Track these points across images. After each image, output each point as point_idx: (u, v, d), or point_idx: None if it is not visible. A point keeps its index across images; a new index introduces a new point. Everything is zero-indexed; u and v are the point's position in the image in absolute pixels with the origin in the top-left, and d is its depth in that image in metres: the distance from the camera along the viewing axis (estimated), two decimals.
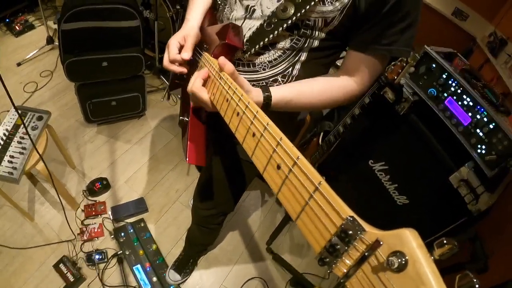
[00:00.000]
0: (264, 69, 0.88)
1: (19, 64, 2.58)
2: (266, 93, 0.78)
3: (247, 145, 0.57)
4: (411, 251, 0.29)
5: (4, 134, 1.55)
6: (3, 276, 1.65)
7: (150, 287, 1.76)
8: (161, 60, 2.64)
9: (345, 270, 0.36)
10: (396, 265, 0.29)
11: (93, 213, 1.97)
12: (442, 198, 1.38)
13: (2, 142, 1.52)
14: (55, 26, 2.82)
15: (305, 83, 0.86)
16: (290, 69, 0.88)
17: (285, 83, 0.89)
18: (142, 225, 1.99)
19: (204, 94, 0.75)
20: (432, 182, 1.43)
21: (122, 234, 1.91)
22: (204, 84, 0.78)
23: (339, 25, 0.79)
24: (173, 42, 0.89)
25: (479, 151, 1.26)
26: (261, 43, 0.82)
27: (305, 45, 0.84)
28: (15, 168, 1.48)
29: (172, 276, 1.79)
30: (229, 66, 0.69)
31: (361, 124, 1.62)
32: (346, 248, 0.36)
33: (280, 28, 0.78)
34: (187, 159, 0.92)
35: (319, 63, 0.91)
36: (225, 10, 0.94)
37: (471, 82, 1.29)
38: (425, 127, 1.41)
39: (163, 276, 1.80)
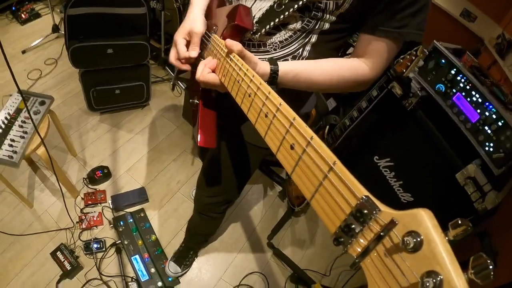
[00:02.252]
0: (275, 49, 0.87)
1: (24, 52, 2.57)
2: (273, 65, 0.77)
3: (260, 126, 0.56)
4: (426, 231, 0.29)
5: (6, 118, 1.53)
6: (0, 263, 1.63)
7: (148, 278, 1.73)
8: (166, 51, 2.62)
9: (360, 250, 0.36)
10: (411, 245, 0.29)
11: (93, 201, 1.94)
12: (448, 196, 1.37)
13: (3, 126, 1.50)
14: (61, 15, 2.81)
15: (314, 61, 0.85)
16: (301, 50, 0.87)
17: None
18: (142, 215, 1.96)
19: (214, 78, 0.76)
20: (438, 180, 1.42)
21: (121, 223, 1.88)
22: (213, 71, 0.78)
23: (350, 7, 0.78)
24: (180, 41, 0.88)
25: (486, 148, 1.25)
26: (271, 23, 0.82)
27: (316, 27, 0.83)
28: (15, 152, 1.45)
29: (173, 268, 1.76)
30: (236, 45, 0.68)
31: (367, 119, 1.59)
32: (361, 227, 0.35)
33: (291, 9, 0.78)
34: (198, 141, 0.92)
35: (329, 46, 0.90)
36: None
37: (479, 79, 1.28)
38: (432, 123, 1.40)
39: (161, 268, 1.78)
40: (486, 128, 1.25)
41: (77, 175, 2.04)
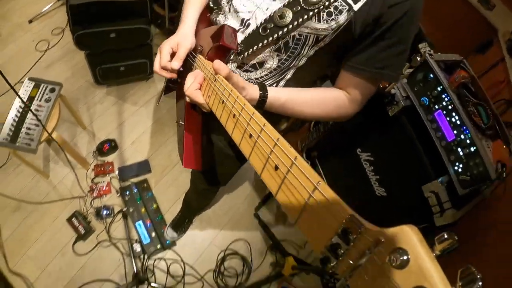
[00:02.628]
0: None
1: (30, 21, 2.64)
2: (262, 91, 0.79)
3: (244, 147, 0.57)
4: (413, 247, 0.29)
5: (20, 107, 1.71)
6: (21, 229, 1.95)
7: (149, 241, 2.04)
8: (171, 19, 2.66)
9: (347, 269, 0.35)
10: (398, 262, 0.29)
11: (102, 172, 2.20)
12: (414, 200, 1.47)
13: (18, 115, 1.69)
14: None
15: (301, 90, 0.88)
16: (275, 85, 0.92)
17: None
18: (145, 185, 2.23)
19: (199, 97, 0.76)
20: (409, 183, 1.51)
21: (127, 192, 2.16)
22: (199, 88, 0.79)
23: (330, 42, 0.80)
24: (166, 48, 0.89)
25: (456, 168, 1.32)
26: (255, 47, 0.83)
27: (292, 64, 0.87)
28: (32, 140, 1.67)
29: (170, 233, 2.06)
30: (224, 69, 0.69)
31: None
32: (347, 247, 0.35)
33: (276, 35, 0.79)
34: (183, 164, 0.94)
35: (304, 80, 0.93)
36: (219, 17, 0.96)
37: (463, 100, 1.32)
38: (414, 131, 1.46)
39: (161, 232, 2.08)
40: (459, 149, 1.29)
41: (87, 147, 2.27)
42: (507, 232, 1.39)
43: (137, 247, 2.02)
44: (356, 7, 0.73)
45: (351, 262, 0.35)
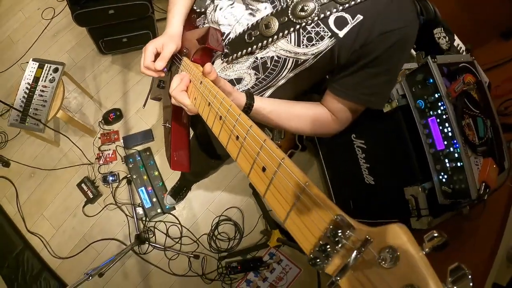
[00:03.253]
0: None
1: None
2: (249, 99, 0.78)
3: (231, 148, 0.56)
4: (402, 245, 0.29)
5: (27, 88, 1.84)
6: (37, 192, 2.19)
7: (150, 205, 2.25)
8: None
9: (336, 269, 0.35)
10: (388, 261, 0.29)
11: (108, 140, 2.36)
12: (397, 196, 1.49)
13: (26, 96, 1.82)
14: None
15: (287, 103, 0.86)
16: None
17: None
18: (148, 153, 2.38)
19: (185, 99, 0.75)
20: (395, 179, 1.53)
21: (131, 160, 2.33)
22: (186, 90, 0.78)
23: (310, 67, 0.79)
24: (150, 49, 0.87)
25: (440, 177, 1.33)
26: (239, 53, 0.82)
27: (270, 84, 0.86)
28: (40, 120, 1.81)
29: (169, 200, 2.24)
30: (214, 72, 0.69)
31: None
32: (336, 247, 0.35)
33: (260, 44, 0.77)
34: (171, 166, 0.94)
35: (284, 97, 0.91)
36: (205, 24, 0.95)
37: (459, 112, 1.27)
38: (407, 130, 1.44)
39: (161, 198, 2.28)
40: (446, 161, 1.29)
41: (94, 116, 2.42)
42: (479, 248, 1.42)
43: (140, 210, 2.24)
44: (341, 33, 0.71)
45: (340, 262, 0.35)
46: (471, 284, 0.27)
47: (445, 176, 1.31)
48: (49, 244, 2.11)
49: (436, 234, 0.29)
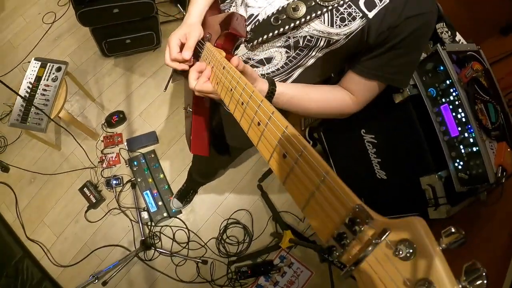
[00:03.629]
0: None
1: None
2: (271, 85, 0.79)
3: (252, 134, 0.56)
4: (419, 239, 0.29)
5: (28, 87, 1.78)
6: (38, 198, 2.11)
7: (156, 209, 2.16)
8: None
9: (352, 259, 0.35)
10: (404, 254, 0.29)
11: (111, 143, 2.30)
12: (412, 188, 1.46)
13: (27, 95, 1.77)
14: None
15: (308, 87, 0.88)
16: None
17: None
18: (153, 156, 2.32)
19: (209, 87, 0.76)
20: (409, 171, 1.50)
21: (135, 163, 2.26)
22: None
23: (341, 47, 0.80)
24: (174, 40, 0.87)
25: (456, 165, 1.31)
26: (265, 36, 0.82)
27: (300, 63, 0.86)
28: (41, 119, 1.75)
29: (176, 204, 2.17)
30: (240, 64, 0.70)
31: None
32: (353, 236, 0.35)
33: (287, 26, 0.78)
34: (191, 149, 0.95)
35: (311, 80, 0.92)
36: (230, 9, 0.96)
37: (471, 98, 1.27)
38: (418, 120, 1.43)
39: (167, 201, 2.20)
40: (461, 147, 1.28)
41: (97, 119, 2.36)
42: (497, 233, 1.39)
43: (145, 215, 2.15)
44: (370, 14, 0.73)
45: (356, 252, 0.35)
46: (485, 282, 0.27)
47: (461, 163, 1.29)
48: (49, 252, 2.02)
49: (453, 230, 0.29)
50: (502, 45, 1.66)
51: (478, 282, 0.27)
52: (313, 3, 0.75)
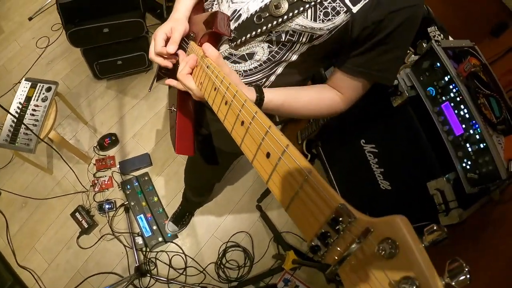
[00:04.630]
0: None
1: (30, 19, 2.66)
2: (259, 93, 0.78)
3: (236, 134, 0.56)
4: (402, 237, 0.29)
5: (18, 107, 1.73)
6: (29, 223, 2.02)
7: (150, 234, 2.06)
8: (168, 9, 2.62)
9: (336, 258, 0.36)
10: (387, 252, 0.30)
11: (104, 166, 2.22)
12: (419, 196, 1.40)
13: (17, 115, 1.72)
14: None
15: (296, 90, 0.87)
16: (264, 80, 0.89)
17: None
18: (146, 178, 2.24)
19: (190, 82, 0.77)
20: (414, 178, 1.44)
21: (128, 186, 2.18)
22: (191, 73, 0.79)
23: (324, 43, 0.78)
24: (159, 34, 0.87)
25: (464, 165, 1.24)
26: (248, 35, 0.81)
27: (283, 58, 0.84)
28: (30, 140, 1.69)
29: (171, 227, 2.07)
30: (212, 51, 0.70)
31: (354, 105, 1.62)
32: (337, 235, 0.36)
33: (270, 24, 0.77)
34: (176, 150, 0.94)
35: (296, 77, 0.92)
36: (213, 7, 0.94)
37: (473, 92, 1.22)
38: (419, 123, 1.38)
39: (162, 225, 2.10)
40: (468, 145, 1.21)
41: (89, 142, 2.30)
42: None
43: (139, 240, 2.05)
44: (355, 9, 0.71)
45: (340, 250, 0.36)
46: (468, 278, 0.28)
47: (469, 162, 1.22)
48: (41, 279, 1.90)
49: (435, 228, 0.30)
50: (495, 47, 1.64)
51: (461, 278, 0.28)
52: (296, 0, 0.73)
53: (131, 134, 2.38)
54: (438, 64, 1.27)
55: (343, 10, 0.72)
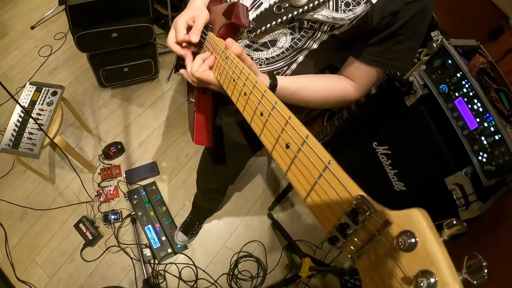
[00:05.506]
0: (260, 65, 0.89)
1: (33, 27, 2.62)
2: (272, 80, 0.78)
3: (255, 125, 0.56)
4: (421, 231, 0.29)
5: (22, 111, 1.66)
6: (29, 235, 1.91)
7: (159, 245, 1.97)
8: (173, 18, 2.61)
9: (354, 249, 0.36)
10: (406, 245, 0.29)
11: (109, 176, 2.14)
12: (436, 193, 1.41)
13: (20, 119, 1.65)
14: None
15: (309, 78, 0.87)
16: (286, 68, 0.89)
17: None
18: (154, 188, 2.16)
19: (210, 75, 0.75)
20: (430, 176, 1.45)
21: (135, 196, 2.09)
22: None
23: (345, 32, 0.79)
24: (181, 22, 0.85)
25: (480, 158, 1.26)
26: (268, 25, 0.81)
27: (305, 46, 0.84)
28: (34, 145, 1.62)
29: (181, 237, 1.98)
30: (236, 47, 0.69)
31: (369, 106, 1.61)
32: (356, 227, 0.35)
33: (290, 15, 0.77)
34: (194, 140, 0.93)
35: (316, 66, 0.92)
36: None
37: (485, 86, 1.25)
38: (433, 121, 1.40)
39: (171, 236, 2.01)
40: (483, 138, 1.24)
41: (93, 151, 2.22)
42: None
43: (147, 252, 1.95)
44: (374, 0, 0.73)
45: (359, 242, 0.36)
46: (485, 275, 0.27)
47: (485, 155, 1.24)
48: None
49: (455, 222, 0.30)
50: (492, 50, 1.65)
51: (479, 274, 0.27)
52: None
53: (137, 142, 2.31)
54: (450, 61, 1.31)
55: (363, 0, 0.73)
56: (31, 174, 2.01)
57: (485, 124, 1.23)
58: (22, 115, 1.66)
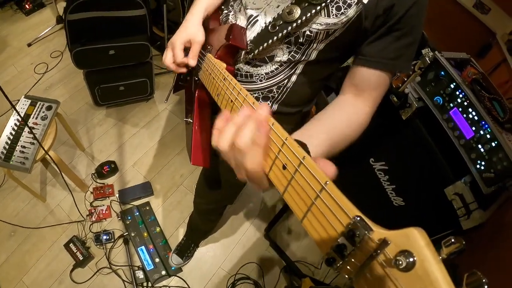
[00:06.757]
0: (261, 80, 0.90)
1: (29, 45, 2.62)
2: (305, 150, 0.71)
3: None
4: (419, 250, 0.29)
5: (15, 124, 1.62)
6: (17, 254, 1.81)
7: (153, 267, 1.89)
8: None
9: (352, 270, 0.36)
10: (404, 265, 0.29)
11: (102, 195, 2.08)
12: (436, 206, 1.41)
13: (13, 132, 1.60)
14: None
15: (327, 132, 0.76)
16: (286, 81, 0.89)
17: (280, 94, 0.91)
18: (147, 208, 2.10)
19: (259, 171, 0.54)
20: (429, 189, 1.45)
21: (129, 217, 2.03)
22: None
23: (340, 36, 0.79)
24: (178, 45, 0.88)
25: (478, 166, 1.27)
26: (265, 44, 0.82)
27: (303, 58, 0.84)
28: (26, 158, 1.57)
29: (175, 260, 1.92)
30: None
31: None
32: (353, 248, 0.35)
33: (285, 31, 0.78)
34: (191, 161, 0.93)
35: (316, 77, 0.91)
36: (229, 17, 0.94)
37: (478, 95, 1.28)
38: (428, 134, 1.41)
39: (165, 257, 1.93)
40: (480, 146, 1.25)
41: (86, 170, 2.17)
42: None
43: (140, 274, 1.87)
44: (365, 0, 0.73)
45: (356, 263, 0.35)
46: None
47: (483, 163, 1.26)
48: None
49: (453, 240, 0.30)
50: (483, 65, 1.70)
51: None
52: (306, 4, 0.75)
53: (131, 162, 2.27)
54: (443, 73, 1.35)
55: (354, 2, 0.73)
56: (21, 191, 1.94)
57: (481, 132, 1.25)
58: (16, 127, 1.62)
